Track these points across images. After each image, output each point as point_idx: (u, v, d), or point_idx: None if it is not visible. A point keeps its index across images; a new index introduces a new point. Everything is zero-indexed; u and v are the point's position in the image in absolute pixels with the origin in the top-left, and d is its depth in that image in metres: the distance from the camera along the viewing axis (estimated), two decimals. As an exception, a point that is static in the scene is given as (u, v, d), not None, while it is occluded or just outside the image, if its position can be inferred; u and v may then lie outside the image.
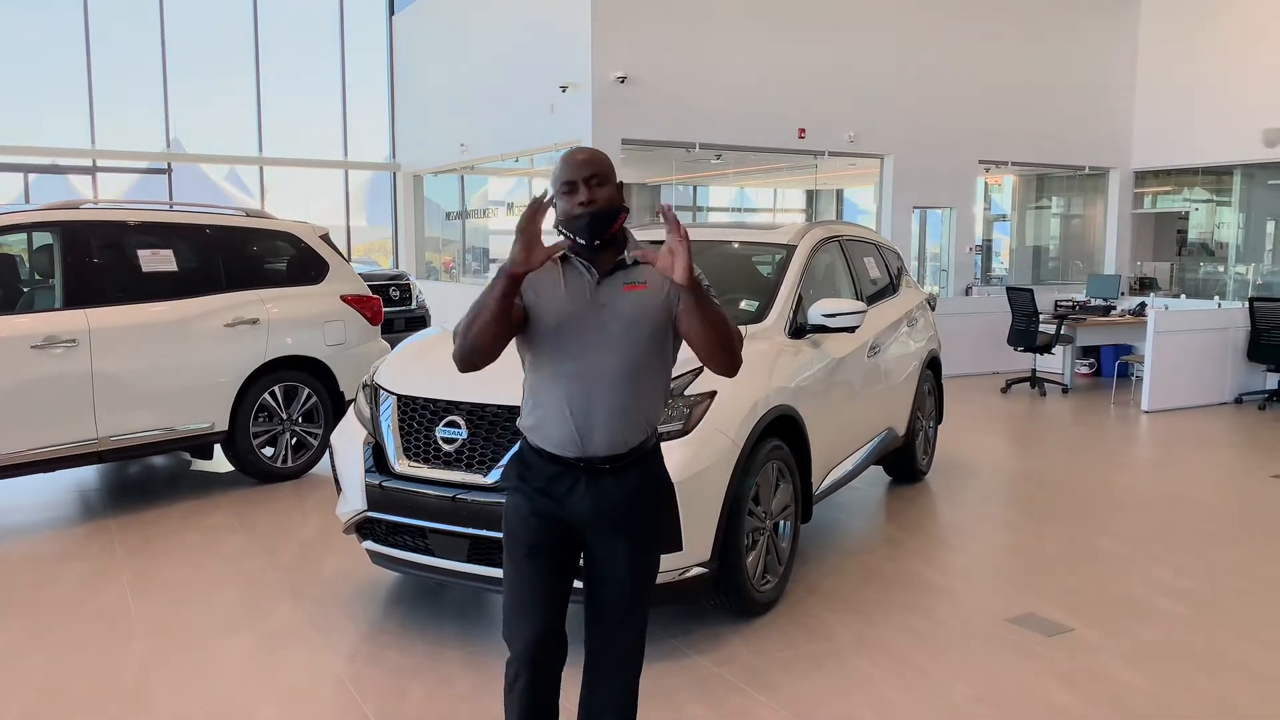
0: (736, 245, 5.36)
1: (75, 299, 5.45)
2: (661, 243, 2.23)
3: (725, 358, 2.35)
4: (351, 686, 3.53)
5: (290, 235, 6.59)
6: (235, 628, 4.05)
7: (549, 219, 2.26)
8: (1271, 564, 4.92)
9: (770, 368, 4.22)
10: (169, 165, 17.04)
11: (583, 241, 2.33)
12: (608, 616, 2.46)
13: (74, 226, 5.54)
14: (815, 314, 4.68)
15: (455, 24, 15.76)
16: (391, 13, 18.07)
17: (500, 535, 2.51)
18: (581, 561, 2.48)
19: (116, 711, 3.34)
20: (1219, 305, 11.23)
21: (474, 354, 2.29)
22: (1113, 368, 11.14)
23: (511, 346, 2.40)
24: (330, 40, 18.11)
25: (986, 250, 16.75)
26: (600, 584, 2.44)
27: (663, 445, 3.56)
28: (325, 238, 6.81)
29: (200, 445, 6.11)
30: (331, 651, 3.82)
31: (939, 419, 6.80)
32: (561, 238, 2.37)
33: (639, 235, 2.63)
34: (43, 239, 5.66)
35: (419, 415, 3.89)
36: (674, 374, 2.55)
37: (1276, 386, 9.84)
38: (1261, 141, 13.43)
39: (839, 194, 21.81)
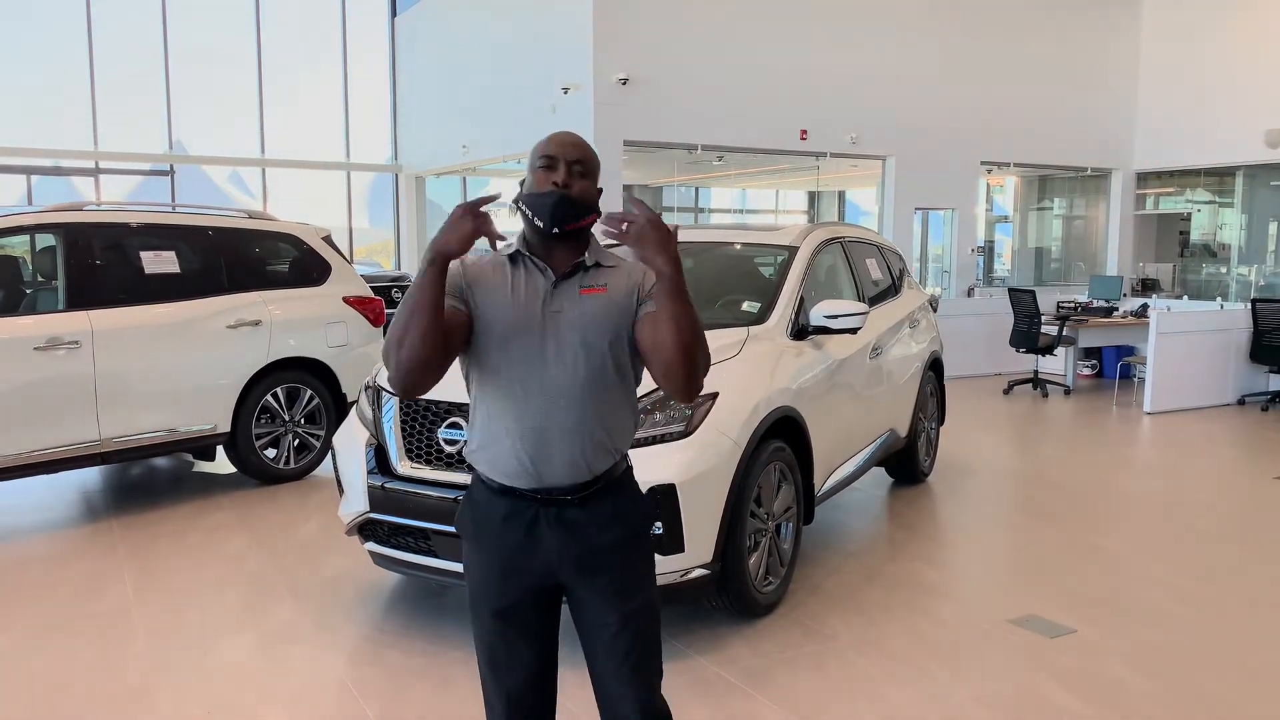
0: (738, 247, 5.37)
1: (78, 301, 5.46)
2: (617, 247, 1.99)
3: (684, 370, 1.96)
4: (353, 687, 3.53)
5: (292, 237, 6.60)
6: (237, 628, 4.05)
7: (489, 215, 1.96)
8: (1273, 564, 4.91)
9: (772, 369, 4.23)
10: (171, 167, 17.08)
11: (540, 224, 2.01)
12: (609, 670, 2.11)
13: (76, 228, 5.55)
14: (817, 315, 4.68)
15: (457, 25, 15.77)
16: (393, 14, 18.09)
17: None
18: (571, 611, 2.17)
19: (118, 712, 3.35)
20: (1221, 306, 11.22)
21: (413, 373, 1.94)
22: (1115, 369, 11.13)
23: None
24: (332, 42, 18.14)
25: (988, 251, 16.77)
26: (592, 633, 2.12)
27: (664, 447, 3.64)
28: (327, 239, 6.82)
29: (203, 446, 6.13)
30: (333, 652, 3.83)
31: (941, 420, 6.80)
32: (510, 238, 2.10)
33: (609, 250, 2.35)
34: (45, 241, 5.67)
35: (421, 417, 3.89)
36: None
37: (1279, 388, 9.84)
38: (1264, 142, 13.43)
39: (841, 195, 21.84)
